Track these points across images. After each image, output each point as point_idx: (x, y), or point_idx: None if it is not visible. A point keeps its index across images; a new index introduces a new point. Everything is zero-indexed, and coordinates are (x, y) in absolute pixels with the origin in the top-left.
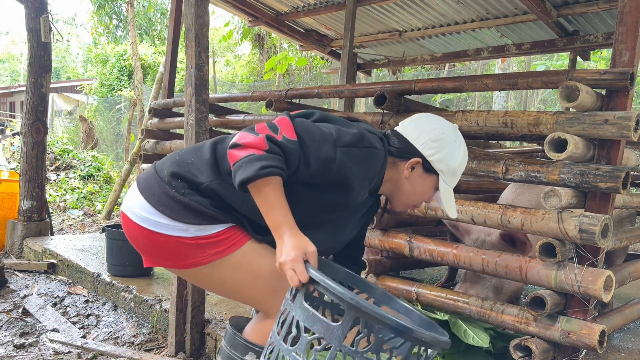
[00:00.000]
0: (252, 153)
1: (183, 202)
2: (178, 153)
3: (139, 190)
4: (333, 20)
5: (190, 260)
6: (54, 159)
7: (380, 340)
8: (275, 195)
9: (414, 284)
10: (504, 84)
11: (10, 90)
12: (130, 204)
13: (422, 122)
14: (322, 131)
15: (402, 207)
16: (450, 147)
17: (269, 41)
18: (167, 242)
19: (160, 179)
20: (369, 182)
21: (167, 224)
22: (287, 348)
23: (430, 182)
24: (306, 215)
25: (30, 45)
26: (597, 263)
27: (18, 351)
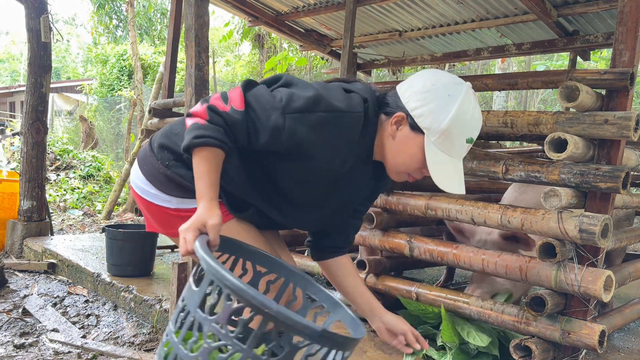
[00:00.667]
0: (196, 122)
1: (166, 175)
2: (170, 124)
3: (137, 160)
4: (333, 20)
5: (174, 229)
6: (54, 159)
7: (226, 309)
8: (205, 167)
9: (414, 284)
10: (504, 84)
11: (10, 90)
12: (132, 173)
13: (419, 75)
14: (273, 98)
15: (395, 175)
16: (441, 101)
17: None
18: (156, 211)
19: (151, 151)
20: (348, 148)
21: (155, 194)
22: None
23: (418, 144)
24: (289, 190)
25: (30, 45)
26: (597, 263)
27: (18, 351)
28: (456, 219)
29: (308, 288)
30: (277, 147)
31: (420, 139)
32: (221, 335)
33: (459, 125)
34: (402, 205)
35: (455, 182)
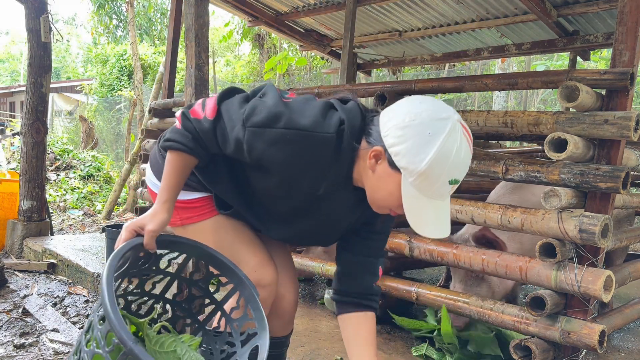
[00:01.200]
0: (174, 125)
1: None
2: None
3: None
4: (333, 20)
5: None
6: (54, 159)
7: (103, 329)
8: (168, 168)
9: (414, 284)
10: (504, 84)
11: (10, 90)
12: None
13: (405, 105)
14: (238, 109)
15: (376, 208)
16: (420, 140)
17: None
18: (154, 197)
19: (158, 144)
20: (318, 170)
21: (154, 182)
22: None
23: (396, 182)
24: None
25: (30, 45)
26: (597, 263)
27: (18, 351)
28: (456, 219)
29: (250, 302)
30: (243, 159)
31: (398, 178)
32: (100, 347)
33: (439, 167)
34: None
35: (432, 226)
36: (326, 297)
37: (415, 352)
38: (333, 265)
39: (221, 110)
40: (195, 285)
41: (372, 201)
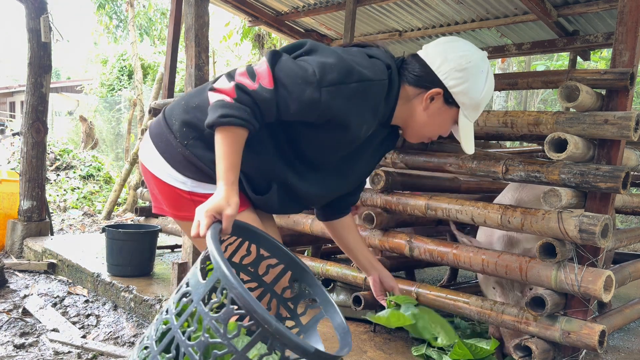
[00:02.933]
0: (221, 99)
1: (184, 155)
2: (184, 97)
3: (150, 136)
4: (333, 20)
5: (184, 212)
6: (54, 159)
7: (229, 312)
8: (228, 148)
9: (414, 284)
10: (504, 84)
11: (10, 90)
12: (143, 148)
13: (448, 48)
14: (305, 71)
15: (416, 139)
16: (476, 79)
17: (269, 41)
18: (168, 191)
19: (168, 127)
20: (372, 115)
21: (170, 173)
22: (172, 297)
23: (450, 115)
24: (314, 155)
25: (30, 45)
26: (597, 263)
27: (18, 351)
28: (456, 219)
29: (305, 279)
30: (309, 119)
31: (454, 112)
32: (219, 334)
33: (487, 98)
34: (402, 205)
35: (473, 143)
36: None
37: (415, 352)
38: (333, 265)
39: (278, 76)
40: (244, 270)
41: (418, 132)
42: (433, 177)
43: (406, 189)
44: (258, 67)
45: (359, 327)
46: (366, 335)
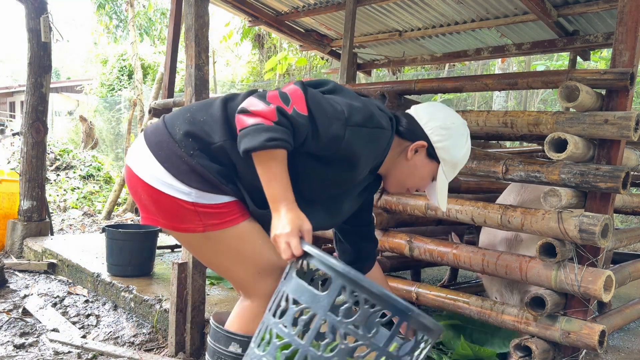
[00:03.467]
0: (261, 123)
1: (190, 164)
2: (189, 109)
3: (147, 144)
4: (333, 20)
5: (185, 224)
6: (54, 159)
7: (365, 312)
8: (279, 169)
9: (414, 284)
10: (504, 84)
11: (10, 90)
12: (136, 157)
13: (435, 110)
14: (334, 107)
15: (395, 189)
16: (457, 139)
17: (269, 41)
18: (167, 202)
19: (171, 136)
20: (373, 160)
21: (170, 183)
22: (275, 321)
23: (430, 169)
24: (308, 188)
25: (30, 45)
26: (597, 263)
27: (18, 351)
28: (456, 219)
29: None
30: (330, 153)
31: (434, 167)
32: (359, 336)
33: (464, 160)
34: (402, 205)
35: (446, 200)
36: None
37: None
38: None
39: (310, 106)
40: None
41: (399, 183)
42: None
43: None
44: (292, 93)
45: None
46: None
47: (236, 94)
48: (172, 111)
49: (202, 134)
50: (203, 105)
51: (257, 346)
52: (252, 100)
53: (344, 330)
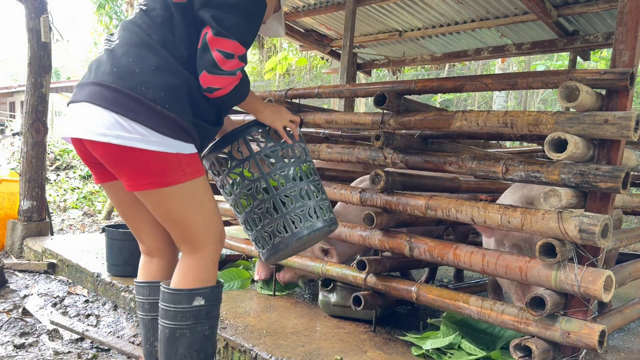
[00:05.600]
0: (235, 86)
1: (170, 118)
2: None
3: (114, 109)
4: (333, 20)
5: (169, 177)
6: (54, 159)
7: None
8: (251, 94)
9: (414, 284)
10: (504, 84)
11: (10, 90)
12: (98, 125)
13: None
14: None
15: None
16: None
17: (269, 41)
18: (152, 158)
19: (142, 95)
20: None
21: (156, 140)
22: (305, 159)
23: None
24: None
25: (30, 45)
26: (597, 263)
27: (18, 351)
28: (456, 219)
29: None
30: None
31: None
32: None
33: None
34: (402, 205)
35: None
36: (321, 298)
37: (415, 352)
38: (333, 265)
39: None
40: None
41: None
42: (433, 177)
43: (406, 189)
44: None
45: (359, 327)
46: (366, 335)
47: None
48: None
49: (169, 83)
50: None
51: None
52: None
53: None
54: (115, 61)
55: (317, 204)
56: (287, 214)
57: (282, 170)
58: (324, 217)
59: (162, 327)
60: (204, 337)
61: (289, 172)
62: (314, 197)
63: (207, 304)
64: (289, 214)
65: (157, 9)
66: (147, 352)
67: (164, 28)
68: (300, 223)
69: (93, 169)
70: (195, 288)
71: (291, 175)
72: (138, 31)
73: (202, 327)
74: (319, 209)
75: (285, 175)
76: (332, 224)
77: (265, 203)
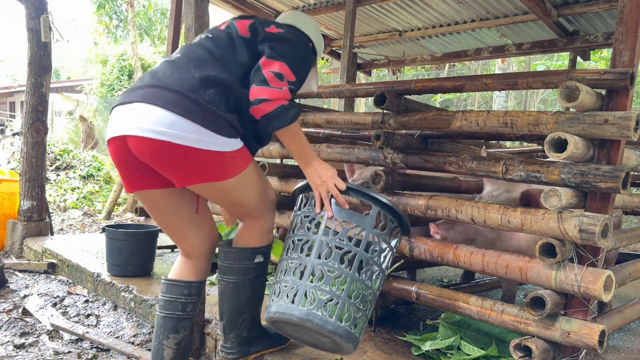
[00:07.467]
0: (282, 104)
1: (226, 119)
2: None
3: (178, 111)
4: (333, 20)
5: (226, 173)
6: (54, 159)
7: (391, 227)
8: (302, 134)
9: (414, 283)
10: (504, 84)
11: (10, 90)
12: (158, 123)
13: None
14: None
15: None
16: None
17: None
18: (213, 157)
19: (201, 97)
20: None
21: (213, 140)
22: (331, 238)
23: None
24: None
25: (30, 45)
26: (597, 263)
27: (18, 351)
28: (456, 218)
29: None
30: None
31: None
32: (381, 238)
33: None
34: (402, 205)
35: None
36: None
37: (415, 352)
38: None
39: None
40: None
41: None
42: (433, 177)
43: (406, 189)
44: (281, 69)
45: None
46: (366, 335)
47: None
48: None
49: (222, 86)
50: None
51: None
52: (265, 89)
53: (379, 238)
54: (176, 69)
55: (315, 291)
56: (277, 282)
57: (300, 237)
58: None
59: (226, 282)
60: (260, 288)
61: (306, 242)
62: (318, 283)
63: (264, 260)
64: (277, 284)
65: (221, 38)
66: (155, 350)
67: (226, 51)
68: (276, 297)
69: (129, 174)
70: (256, 247)
71: (305, 247)
72: (201, 50)
73: (260, 280)
74: (321, 302)
75: (300, 243)
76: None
77: (282, 261)
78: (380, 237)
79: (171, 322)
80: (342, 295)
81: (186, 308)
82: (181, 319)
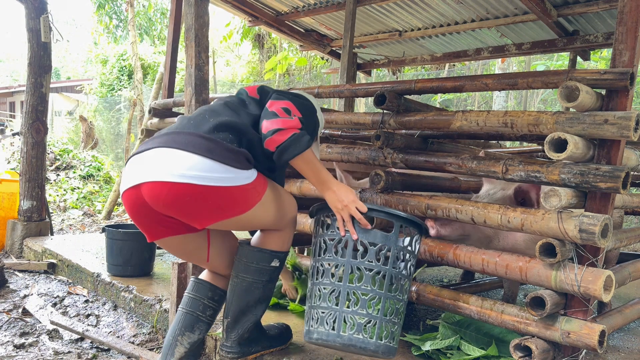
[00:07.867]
0: (295, 133)
1: (245, 155)
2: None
3: (202, 154)
4: (333, 20)
5: (249, 204)
6: (54, 159)
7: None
8: (317, 160)
9: (414, 283)
10: (504, 84)
11: (10, 90)
12: (186, 169)
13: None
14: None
15: None
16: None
17: (269, 41)
18: (237, 192)
19: (222, 140)
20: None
21: (233, 176)
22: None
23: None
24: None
25: (30, 45)
26: (597, 263)
27: (18, 351)
28: (456, 218)
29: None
30: None
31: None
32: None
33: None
34: (402, 205)
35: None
36: None
37: (415, 352)
38: None
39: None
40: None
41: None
42: (433, 177)
43: (406, 189)
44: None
45: None
46: None
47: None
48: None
49: (235, 132)
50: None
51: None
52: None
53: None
54: (192, 118)
55: (353, 316)
56: (312, 308)
57: (329, 261)
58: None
59: (240, 280)
60: (270, 292)
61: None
62: (354, 307)
63: (279, 266)
64: (314, 309)
65: (233, 99)
66: (167, 344)
67: (238, 105)
68: (315, 324)
69: (150, 225)
70: (276, 250)
71: (336, 272)
72: (215, 105)
73: (271, 284)
74: (360, 326)
75: (330, 268)
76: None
77: (314, 285)
78: (405, 250)
79: (190, 320)
80: (378, 316)
81: (206, 311)
82: (199, 319)
